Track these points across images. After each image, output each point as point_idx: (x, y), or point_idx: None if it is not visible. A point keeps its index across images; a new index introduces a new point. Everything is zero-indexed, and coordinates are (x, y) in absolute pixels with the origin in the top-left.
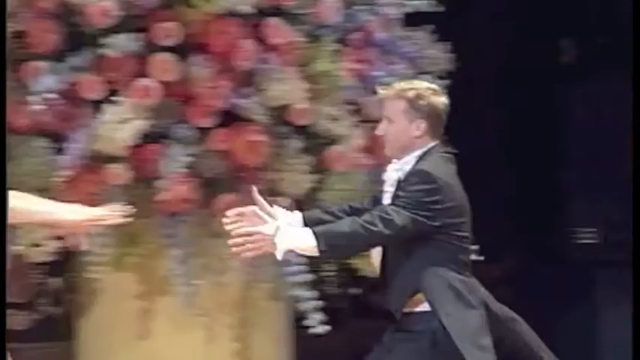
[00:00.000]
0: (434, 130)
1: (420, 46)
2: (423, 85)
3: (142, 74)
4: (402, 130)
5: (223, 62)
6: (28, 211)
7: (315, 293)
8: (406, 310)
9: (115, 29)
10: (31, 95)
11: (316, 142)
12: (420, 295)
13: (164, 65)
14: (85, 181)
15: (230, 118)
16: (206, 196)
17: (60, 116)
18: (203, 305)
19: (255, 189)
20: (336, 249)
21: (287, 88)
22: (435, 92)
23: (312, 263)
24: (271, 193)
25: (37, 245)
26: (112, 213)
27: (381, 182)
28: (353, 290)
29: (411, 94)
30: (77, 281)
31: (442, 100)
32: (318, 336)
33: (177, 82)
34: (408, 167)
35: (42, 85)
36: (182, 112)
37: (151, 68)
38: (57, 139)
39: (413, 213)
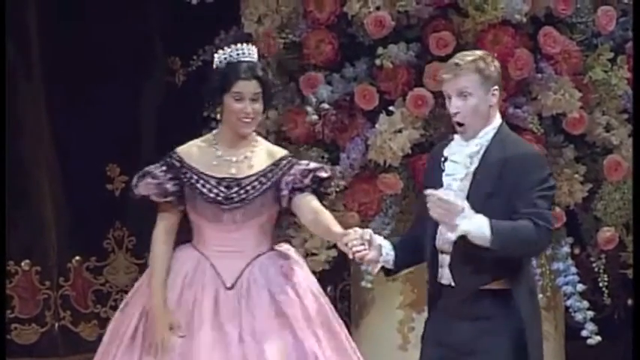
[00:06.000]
0: (500, 96)
1: None
2: (480, 53)
3: (417, 84)
4: (481, 102)
5: None
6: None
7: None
8: None
9: (390, 39)
10: (307, 106)
11: (591, 152)
12: None
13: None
14: (360, 190)
15: None
16: None
17: (335, 126)
18: None
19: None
20: (506, 249)
21: (562, 97)
22: (493, 58)
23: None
24: None
25: (313, 254)
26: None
27: None
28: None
29: (481, 64)
30: (351, 290)
31: (498, 65)
32: (591, 347)
33: None
34: (486, 140)
35: (318, 95)
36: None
37: (425, 78)
38: (332, 149)
39: (550, 207)
